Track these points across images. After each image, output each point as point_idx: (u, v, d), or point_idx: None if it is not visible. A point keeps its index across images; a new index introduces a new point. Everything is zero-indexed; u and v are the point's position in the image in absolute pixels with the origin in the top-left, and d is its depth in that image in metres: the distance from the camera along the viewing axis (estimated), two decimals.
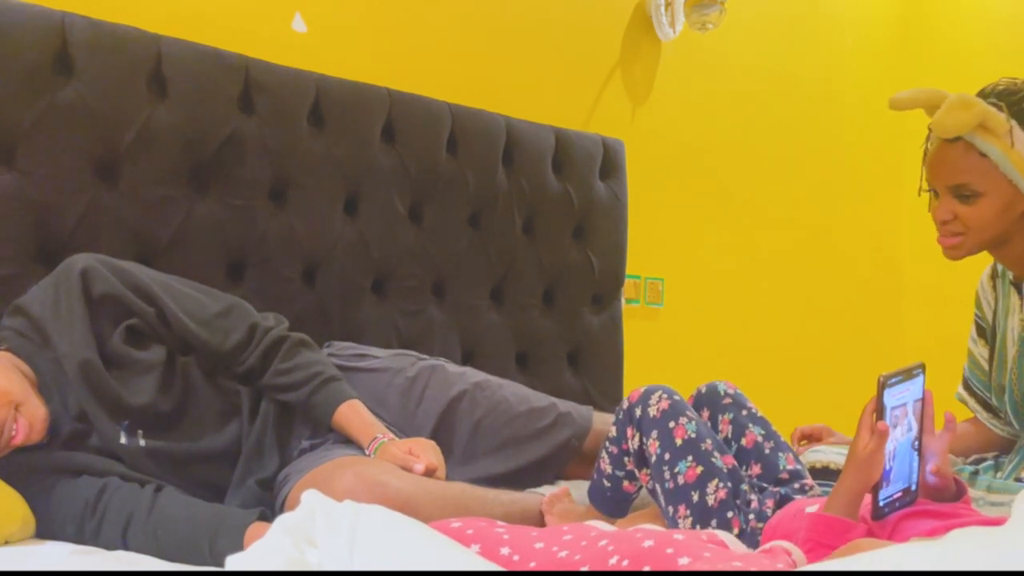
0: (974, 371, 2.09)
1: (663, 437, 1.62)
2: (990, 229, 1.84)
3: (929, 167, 1.88)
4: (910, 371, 1.34)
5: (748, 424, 1.72)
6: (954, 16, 4.26)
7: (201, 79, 2.18)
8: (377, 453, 1.83)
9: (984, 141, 1.79)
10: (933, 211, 1.90)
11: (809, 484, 1.67)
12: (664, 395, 1.67)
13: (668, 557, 1.14)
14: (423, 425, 2.05)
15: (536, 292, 2.82)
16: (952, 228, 1.86)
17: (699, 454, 1.59)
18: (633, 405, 1.68)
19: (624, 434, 1.69)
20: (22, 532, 1.64)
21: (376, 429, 1.88)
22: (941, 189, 1.87)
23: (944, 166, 1.85)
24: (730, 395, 1.77)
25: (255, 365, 1.91)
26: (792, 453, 1.72)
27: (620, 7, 3.27)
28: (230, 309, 1.94)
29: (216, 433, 1.86)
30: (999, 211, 1.82)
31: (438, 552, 1.12)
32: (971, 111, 1.77)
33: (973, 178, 1.81)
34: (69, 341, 1.75)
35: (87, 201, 2.02)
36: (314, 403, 1.90)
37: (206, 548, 1.60)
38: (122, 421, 1.76)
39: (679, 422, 1.63)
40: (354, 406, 1.91)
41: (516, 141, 2.75)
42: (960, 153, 1.82)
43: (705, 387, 1.80)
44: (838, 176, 4.07)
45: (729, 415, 1.74)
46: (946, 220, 1.86)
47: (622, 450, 1.70)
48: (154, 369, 1.81)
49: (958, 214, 1.84)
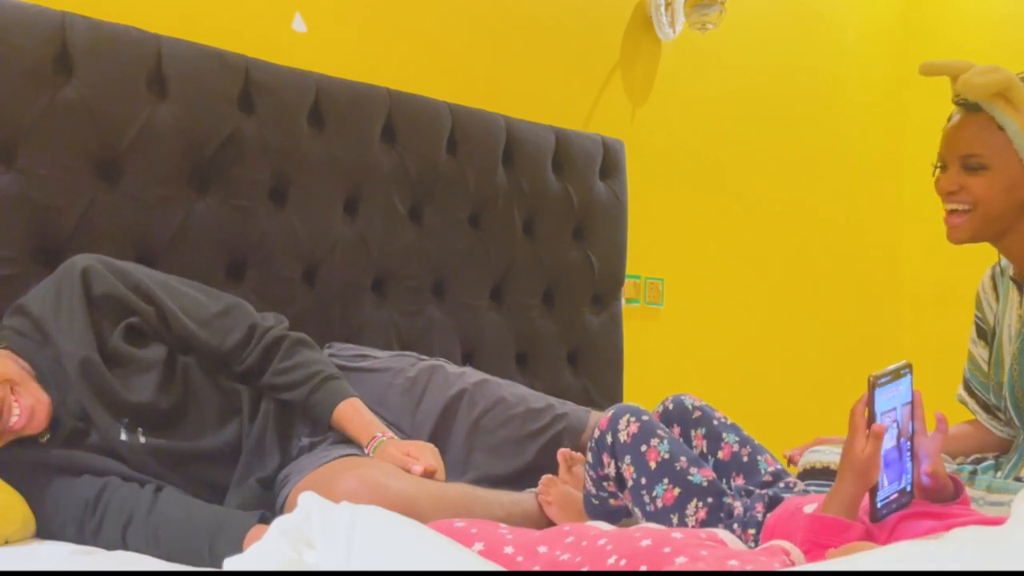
0: (974, 373, 2.09)
1: (637, 462, 1.61)
2: (996, 204, 1.85)
3: (945, 138, 1.90)
4: (898, 371, 1.34)
5: (722, 434, 1.71)
6: (954, 16, 4.26)
7: (201, 79, 2.18)
8: (376, 452, 1.83)
9: (1003, 113, 1.81)
10: (939, 184, 1.91)
11: (792, 482, 1.66)
12: (632, 418, 1.65)
13: (665, 556, 1.15)
14: (423, 424, 2.05)
15: (536, 292, 2.82)
16: (958, 198, 1.87)
17: (674, 475, 1.58)
18: (604, 432, 1.66)
19: (600, 461, 1.67)
20: (22, 532, 1.64)
21: (375, 428, 1.88)
22: (951, 159, 1.89)
23: (959, 135, 1.87)
24: (698, 408, 1.76)
25: (255, 364, 1.91)
26: (770, 454, 1.71)
27: (620, 7, 3.27)
28: (229, 309, 1.95)
29: (216, 432, 1.86)
30: (1003, 188, 1.84)
31: (435, 552, 1.12)
32: (999, 74, 1.80)
33: (984, 150, 1.84)
34: (69, 339, 1.76)
35: (87, 201, 2.03)
36: (313, 402, 1.90)
37: (205, 550, 1.60)
38: (122, 419, 1.76)
39: (651, 444, 1.61)
40: (354, 404, 1.91)
41: (516, 141, 2.75)
42: (979, 124, 1.84)
43: (672, 403, 1.78)
44: (838, 176, 4.07)
45: (701, 430, 1.73)
46: (952, 191, 1.88)
47: (600, 476, 1.68)
48: (154, 367, 1.81)
49: (964, 185, 1.86)
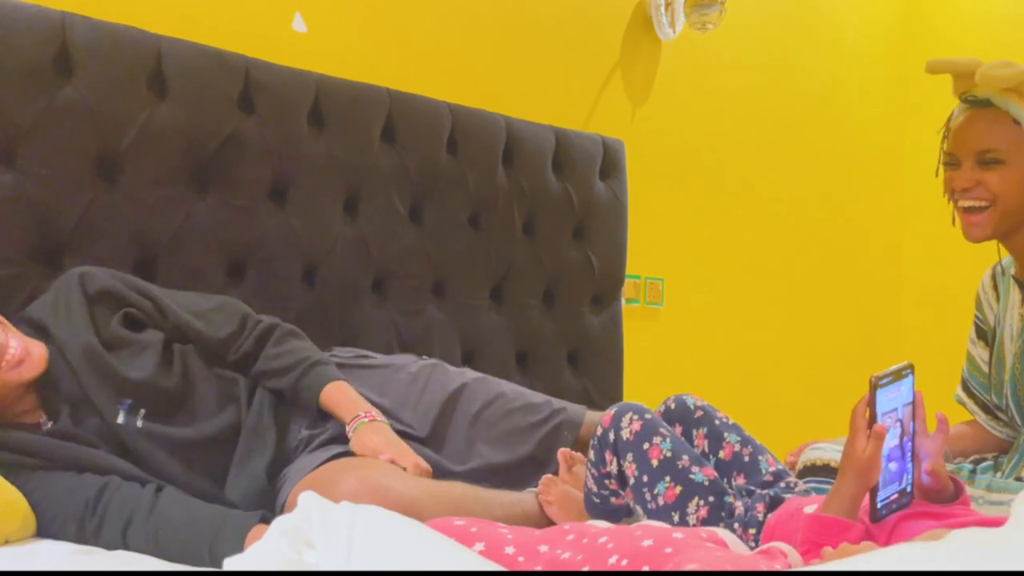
0: (973, 373, 2.09)
1: (639, 459, 1.61)
2: (1013, 198, 1.85)
3: (956, 135, 1.89)
4: (899, 372, 1.34)
5: (723, 434, 1.71)
6: (954, 15, 4.26)
7: (201, 79, 2.18)
8: (355, 433, 1.86)
9: (1018, 107, 1.81)
10: (951, 183, 1.90)
11: (793, 482, 1.67)
12: (635, 416, 1.65)
13: (666, 557, 1.15)
14: (426, 415, 2.08)
15: (536, 292, 2.82)
16: (975, 194, 1.86)
17: (676, 473, 1.58)
18: (607, 429, 1.67)
19: (603, 458, 1.67)
20: (22, 532, 1.64)
21: (359, 407, 1.91)
22: (966, 156, 1.87)
23: (973, 131, 1.86)
24: (700, 408, 1.75)
25: (250, 351, 1.96)
26: (771, 454, 1.71)
27: (620, 7, 3.27)
28: (223, 305, 2.02)
29: (214, 418, 1.89)
30: (1020, 182, 1.84)
31: (436, 552, 1.12)
32: (1015, 68, 1.80)
33: (1001, 144, 1.83)
34: (68, 329, 1.82)
35: (87, 201, 2.03)
36: (301, 386, 1.94)
37: (206, 552, 1.60)
38: (123, 400, 1.80)
39: (653, 442, 1.61)
40: (340, 387, 1.95)
41: (516, 141, 2.75)
42: (992, 119, 1.84)
43: (673, 402, 1.78)
44: (838, 176, 4.07)
45: (703, 429, 1.73)
46: (968, 187, 1.86)
47: (602, 473, 1.69)
48: (152, 347, 1.87)
49: (981, 180, 1.85)
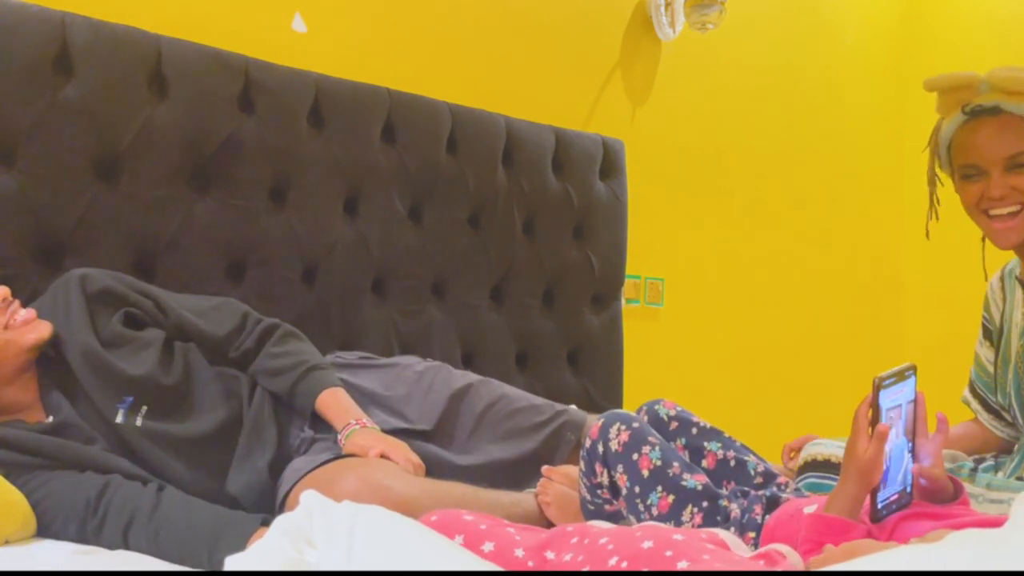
0: (980, 374, 2.09)
1: (629, 471, 1.59)
2: None
3: (972, 146, 1.83)
4: (902, 372, 1.34)
5: (703, 443, 1.69)
6: (954, 17, 4.26)
7: (201, 79, 2.18)
8: (347, 440, 1.86)
9: None
10: (977, 194, 1.84)
11: (784, 482, 1.65)
12: (623, 426, 1.63)
13: (666, 560, 1.15)
14: (431, 412, 2.09)
15: (536, 292, 2.82)
16: (1009, 201, 1.81)
17: (668, 482, 1.56)
18: (595, 441, 1.65)
19: (593, 469, 1.66)
20: (22, 532, 1.64)
21: (351, 415, 1.92)
22: (993, 164, 1.82)
23: (996, 138, 1.80)
24: (674, 417, 1.72)
25: (251, 348, 1.97)
26: (755, 455, 1.70)
27: (620, 7, 3.27)
28: (224, 304, 2.04)
29: (214, 415, 1.89)
30: None
31: (436, 552, 1.12)
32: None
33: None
34: (67, 330, 1.82)
35: (87, 201, 2.03)
36: (298, 391, 1.94)
37: (206, 555, 1.60)
38: (124, 398, 1.81)
39: (642, 452, 1.59)
40: (335, 393, 1.95)
41: (516, 141, 2.75)
42: (1007, 124, 1.79)
43: (645, 412, 1.73)
44: (838, 176, 4.07)
45: (681, 440, 1.69)
46: (1003, 195, 1.81)
47: (594, 484, 1.67)
48: (152, 344, 1.88)
49: (1014, 185, 1.80)
